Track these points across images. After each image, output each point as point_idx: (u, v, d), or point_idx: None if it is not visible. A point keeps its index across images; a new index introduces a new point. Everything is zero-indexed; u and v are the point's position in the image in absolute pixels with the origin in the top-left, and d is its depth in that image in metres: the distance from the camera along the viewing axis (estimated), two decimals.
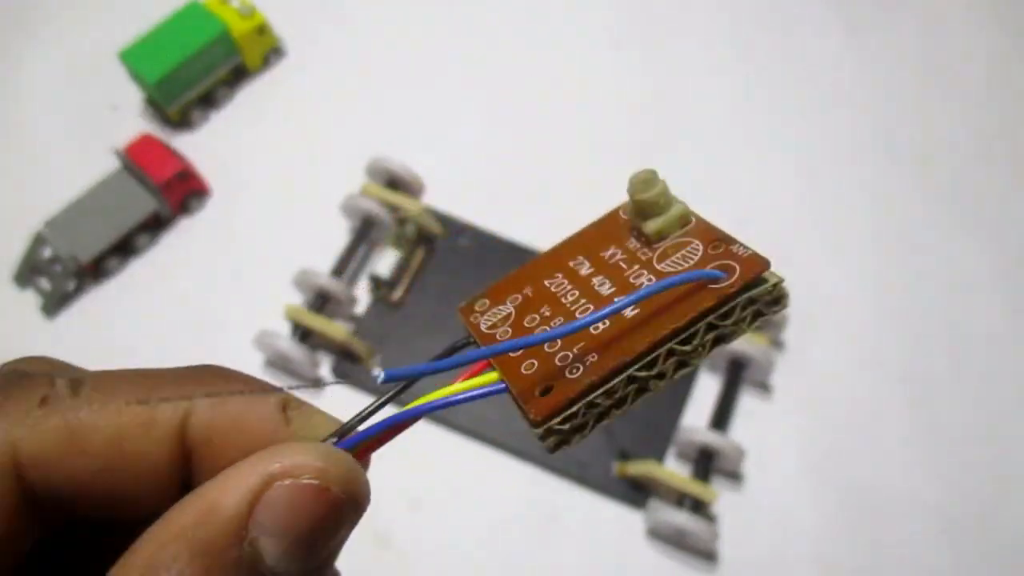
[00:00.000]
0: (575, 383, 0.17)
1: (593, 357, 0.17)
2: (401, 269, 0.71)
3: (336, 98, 0.83)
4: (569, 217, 0.25)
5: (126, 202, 0.73)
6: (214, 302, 0.72)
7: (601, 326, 0.18)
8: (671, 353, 0.17)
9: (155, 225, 0.75)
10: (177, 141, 0.80)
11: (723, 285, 0.18)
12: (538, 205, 0.75)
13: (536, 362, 0.18)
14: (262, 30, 0.81)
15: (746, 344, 0.64)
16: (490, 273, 0.31)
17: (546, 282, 0.21)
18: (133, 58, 0.77)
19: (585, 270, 0.20)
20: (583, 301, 0.19)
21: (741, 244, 0.19)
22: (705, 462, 0.62)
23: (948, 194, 0.77)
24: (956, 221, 0.75)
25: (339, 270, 0.70)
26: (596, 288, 0.19)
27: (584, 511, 0.64)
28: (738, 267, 0.18)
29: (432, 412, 0.17)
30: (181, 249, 0.75)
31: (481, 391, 0.18)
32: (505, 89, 0.83)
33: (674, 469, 0.62)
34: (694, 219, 0.21)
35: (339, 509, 0.15)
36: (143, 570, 0.14)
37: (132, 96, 0.82)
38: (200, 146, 0.79)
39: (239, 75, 0.83)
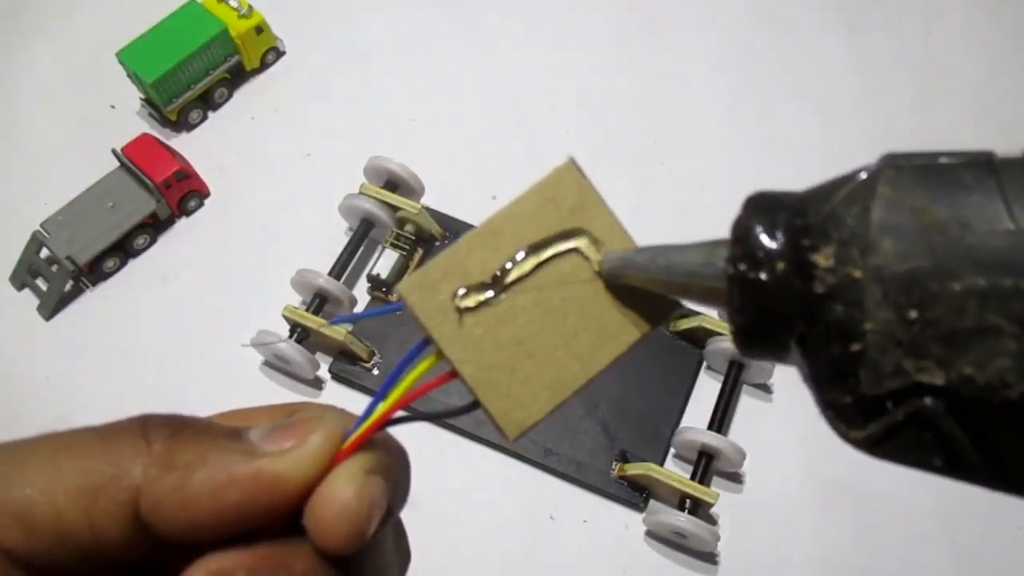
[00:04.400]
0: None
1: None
2: (400, 269, 0.71)
3: (335, 98, 0.83)
4: None
5: (124, 202, 0.73)
6: (212, 303, 0.72)
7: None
8: None
9: (153, 225, 0.75)
10: (175, 141, 0.80)
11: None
12: None
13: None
14: (260, 29, 0.81)
15: None
16: None
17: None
18: (131, 58, 0.77)
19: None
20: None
21: None
22: (705, 463, 0.61)
23: None
24: None
25: (338, 271, 0.69)
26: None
27: (584, 512, 0.64)
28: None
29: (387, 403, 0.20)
30: (179, 250, 0.75)
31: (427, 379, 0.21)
32: (505, 89, 0.83)
33: (674, 470, 0.61)
34: None
35: None
36: None
37: (130, 96, 0.82)
38: (198, 146, 0.79)
39: (237, 75, 0.83)
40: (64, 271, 0.70)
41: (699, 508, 0.60)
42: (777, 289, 0.16)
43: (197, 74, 0.78)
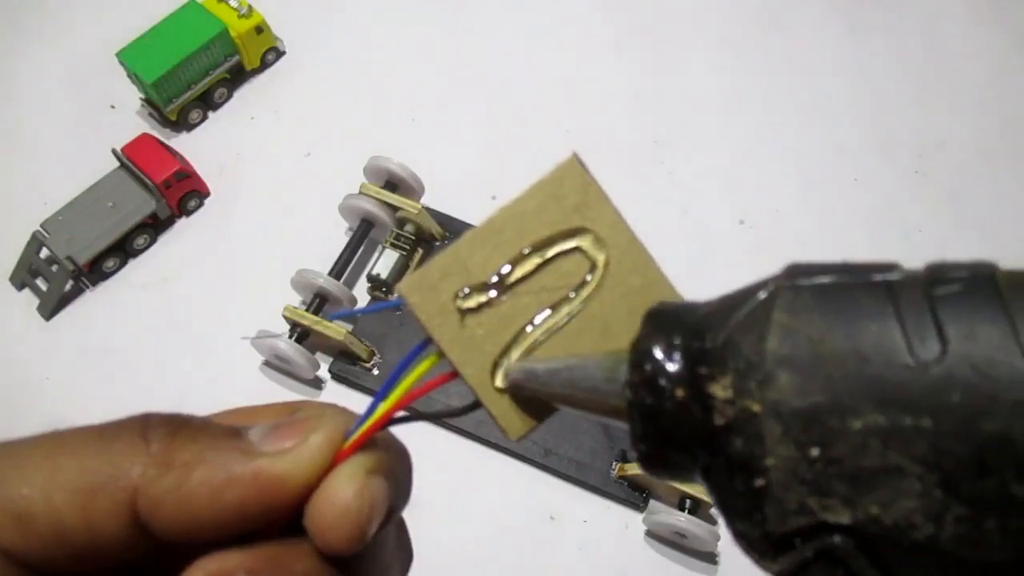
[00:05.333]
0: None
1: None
2: (400, 269, 0.71)
3: (335, 98, 0.83)
4: None
5: (124, 202, 0.73)
6: (212, 303, 0.72)
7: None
8: None
9: (153, 225, 0.74)
10: (175, 141, 0.80)
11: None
12: None
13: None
14: (260, 29, 0.81)
15: None
16: None
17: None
18: (131, 58, 0.77)
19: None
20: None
21: None
22: None
23: (948, 194, 0.77)
24: (955, 221, 0.75)
25: (338, 271, 0.69)
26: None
27: (584, 512, 0.64)
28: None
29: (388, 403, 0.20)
30: (179, 250, 0.75)
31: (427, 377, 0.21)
32: (505, 89, 0.83)
33: None
34: None
35: None
36: None
37: (130, 96, 0.82)
38: (198, 146, 0.79)
39: (237, 75, 0.83)
40: (64, 271, 0.70)
41: (699, 508, 0.60)
42: (677, 418, 0.16)
43: (197, 74, 0.78)
